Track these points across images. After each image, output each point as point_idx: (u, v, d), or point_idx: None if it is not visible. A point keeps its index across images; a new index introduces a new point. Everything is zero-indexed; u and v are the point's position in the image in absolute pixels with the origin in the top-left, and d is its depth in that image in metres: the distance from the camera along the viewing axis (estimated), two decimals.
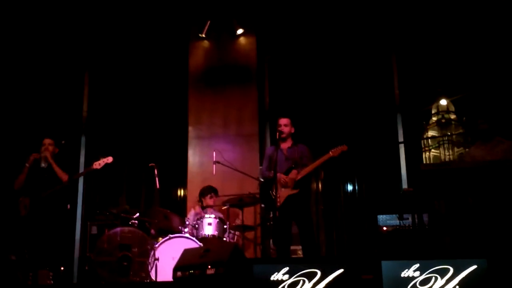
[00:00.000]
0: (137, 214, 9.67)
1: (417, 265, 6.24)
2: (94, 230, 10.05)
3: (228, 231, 9.70)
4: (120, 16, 12.64)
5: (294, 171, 8.76)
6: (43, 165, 9.46)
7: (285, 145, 9.08)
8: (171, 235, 9.19)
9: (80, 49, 13.11)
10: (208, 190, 10.51)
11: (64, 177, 9.51)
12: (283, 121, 9.10)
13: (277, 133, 9.02)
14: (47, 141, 9.64)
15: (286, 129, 9.05)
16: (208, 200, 10.42)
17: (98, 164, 9.52)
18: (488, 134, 8.58)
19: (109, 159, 9.57)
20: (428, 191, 8.08)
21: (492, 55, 11.27)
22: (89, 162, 12.35)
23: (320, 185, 11.97)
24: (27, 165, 9.45)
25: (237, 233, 10.22)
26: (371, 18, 12.14)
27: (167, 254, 8.76)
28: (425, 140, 10.45)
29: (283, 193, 8.65)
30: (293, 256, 9.69)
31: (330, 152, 8.75)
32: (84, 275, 9.77)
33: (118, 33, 12.92)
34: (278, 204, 8.53)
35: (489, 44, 11.35)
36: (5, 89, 13.06)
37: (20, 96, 13.08)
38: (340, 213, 11.85)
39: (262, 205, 10.53)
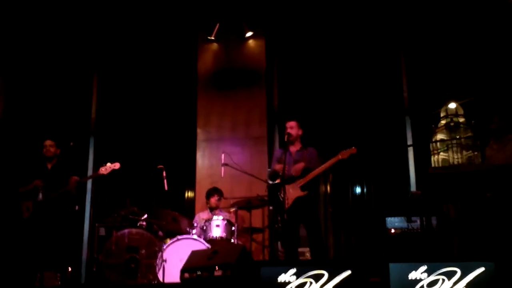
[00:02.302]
0: (145, 216, 9.69)
1: (424, 267, 6.23)
2: (102, 231, 10.08)
3: (236, 233, 9.71)
4: (129, 18, 12.67)
5: (301, 164, 8.79)
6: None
7: (294, 148, 9.10)
8: (179, 237, 9.21)
9: (89, 51, 13.14)
10: (213, 192, 10.54)
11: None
12: (290, 124, 9.14)
13: (286, 136, 9.04)
14: (48, 142, 9.59)
15: (293, 131, 9.07)
16: (214, 202, 10.45)
17: (105, 170, 9.46)
18: (502, 132, 8.60)
19: (116, 166, 9.51)
20: (436, 194, 8.08)
21: (502, 59, 11.24)
22: (97, 164, 12.44)
23: (328, 188, 11.97)
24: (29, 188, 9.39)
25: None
26: (380, 23, 12.13)
27: (175, 256, 8.76)
28: (433, 143, 10.42)
29: (291, 195, 8.66)
30: (301, 258, 9.69)
31: (339, 155, 8.74)
32: (92, 277, 9.78)
33: (127, 36, 12.94)
34: (286, 206, 8.54)
35: (498, 48, 11.33)
36: (14, 91, 13.12)
37: (29, 97, 13.14)
38: (349, 216, 11.83)
39: (271, 208, 10.52)
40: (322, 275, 6.36)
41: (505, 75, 11.12)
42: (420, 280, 6.21)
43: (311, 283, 6.34)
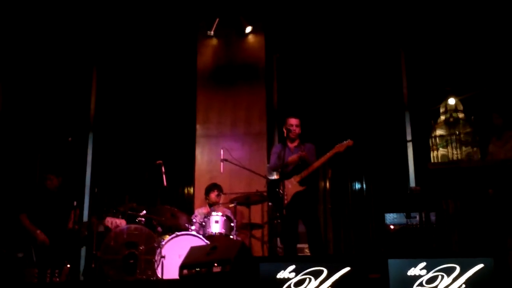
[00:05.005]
0: (144, 212, 9.67)
1: (423, 264, 6.22)
2: (101, 227, 10.05)
3: (235, 229, 9.70)
4: (129, 13, 12.63)
5: (295, 176, 8.82)
6: None
7: (292, 144, 9.10)
8: (178, 233, 9.19)
9: (89, 46, 13.13)
10: (212, 187, 10.53)
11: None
12: (294, 121, 9.13)
13: (286, 132, 9.04)
14: (50, 176, 9.59)
15: (297, 129, 9.08)
16: (213, 197, 10.44)
17: (110, 223, 9.39)
18: (502, 129, 8.58)
19: (123, 223, 9.39)
20: (435, 190, 8.07)
21: (501, 54, 11.23)
22: (96, 160, 12.46)
23: (328, 184, 11.95)
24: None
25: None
26: (380, 19, 12.12)
27: (174, 252, 8.75)
28: (433, 139, 10.41)
29: (290, 191, 8.66)
30: (300, 254, 9.68)
31: (336, 148, 8.76)
32: (90, 273, 9.75)
33: (127, 31, 12.92)
34: (286, 202, 8.53)
35: (497, 43, 11.32)
36: (13, 86, 13.12)
37: (27, 92, 13.13)
38: (348, 212, 11.83)
39: (270, 203, 10.52)
40: (321, 271, 6.35)
41: (504, 71, 11.11)
42: (420, 276, 6.19)
43: (310, 279, 6.33)
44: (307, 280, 6.35)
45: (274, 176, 9.13)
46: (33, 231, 9.21)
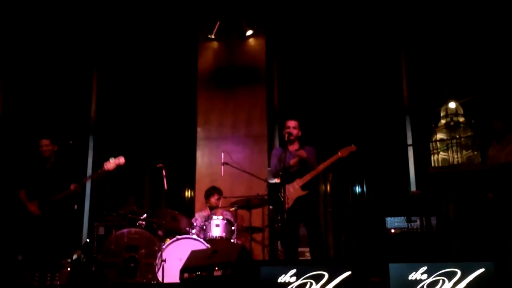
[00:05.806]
0: (145, 215, 9.66)
1: (424, 268, 6.20)
2: (101, 231, 10.04)
3: (236, 232, 9.69)
4: (130, 16, 12.66)
5: (297, 180, 8.81)
6: None
7: (292, 147, 9.06)
8: (179, 236, 9.19)
9: (89, 49, 13.14)
10: (212, 191, 10.51)
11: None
12: (292, 123, 9.09)
13: (286, 135, 9.01)
14: (43, 142, 9.44)
15: (294, 132, 9.04)
16: (213, 201, 10.42)
17: (110, 165, 9.25)
18: (502, 133, 8.58)
19: (121, 160, 9.18)
20: (436, 194, 8.06)
21: (502, 58, 11.23)
22: (97, 163, 12.43)
23: (328, 187, 11.95)
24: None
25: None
26: (381, 22, 12.14)
27: (174, 255, 8.74)
28: (433, 143, 10.39)
29: (292, 195, 8.65)
30: (301, 258, 9.68)
31: (339, 153, 8.75)
32: (91, 276, 9.75)
33: (128, 33, 12.95)
34: (287, 206, 8.52)
35: (498, 47, 11.32)
36: (13, 88, 13.12)
37: (28, 95, 13.14)
38: (349, 215, 11.82)
39: (270, 207, 10.51)
40: (323, 275, 6.34)
41: (505, 74, 11.11)
42: (421, 281, 6.18)
43: (311, 284, 6.32)
44: (308, 284, 6.34)
45: (275, 180, 9.12)
46: (26, 204, 9.13)
